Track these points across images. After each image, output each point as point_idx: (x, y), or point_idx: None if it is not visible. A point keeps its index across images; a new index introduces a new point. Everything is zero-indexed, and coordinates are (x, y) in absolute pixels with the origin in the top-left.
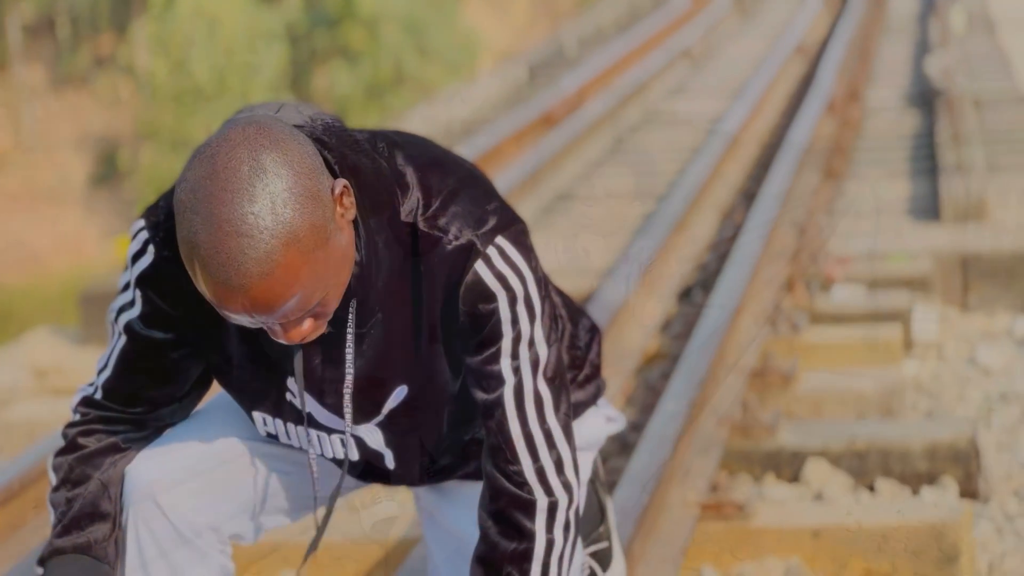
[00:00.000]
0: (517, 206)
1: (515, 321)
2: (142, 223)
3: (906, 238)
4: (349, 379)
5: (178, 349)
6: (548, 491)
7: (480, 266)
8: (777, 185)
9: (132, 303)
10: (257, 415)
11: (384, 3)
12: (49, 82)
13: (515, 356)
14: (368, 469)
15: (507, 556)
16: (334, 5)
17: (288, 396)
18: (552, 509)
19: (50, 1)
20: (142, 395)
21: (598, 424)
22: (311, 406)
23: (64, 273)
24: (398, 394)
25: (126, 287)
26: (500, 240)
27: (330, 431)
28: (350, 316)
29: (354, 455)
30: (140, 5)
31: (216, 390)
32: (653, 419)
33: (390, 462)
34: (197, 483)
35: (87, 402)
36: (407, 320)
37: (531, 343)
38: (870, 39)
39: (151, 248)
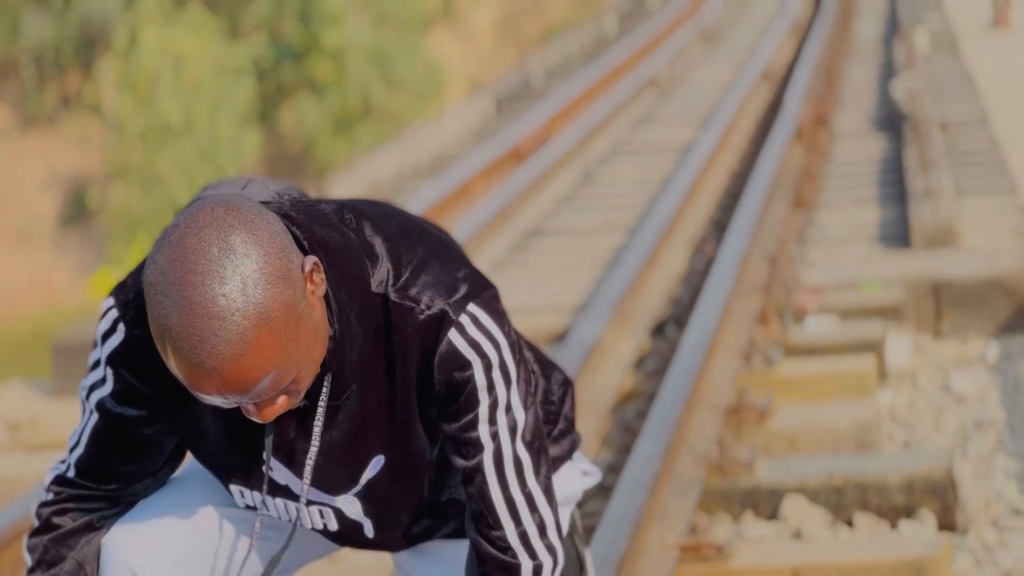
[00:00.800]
0: (487, 243)
1: (491, 388)
2: (111, 301)
3: (877, 266)
4: (313, 450)
5: (151, 425)
6: (532, 555)
7: (453, 335)
8: (747, 215)
9: (103, 381)
10: (235, 488)
11: (349, 35)
12: (15, 123)
13: (492, 422)
14: (347, 536)
15: None
16: (299, 38)
17: (266, 471)
18: (537, 572)
19: (12, 42)
20: (116, 472)
21: (574, 478)
22: (287, 478)
23: (36, 314)
24: (375, 464)
25: (96, 365)
26: (472, 307)
27: (308, 502)
28: (324, 389)
29: (332, 525)
30: (105, 43)
31: (191, 456)
32: (630, 461)
33: (369, 531)
34: (175, 552)
35: (60, 481)
36: (382, 390)
37: (508, 408)
38: (836, 63)
39: (121, 327)
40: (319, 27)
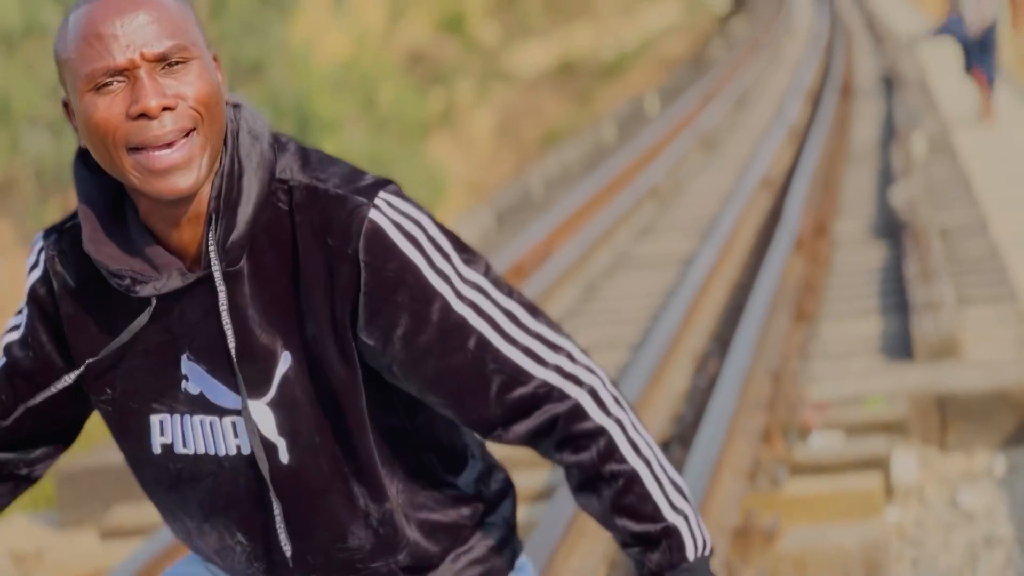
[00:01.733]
0: None
1: (437, 270)
2: (38, 235)
3: (880, 379)
4: (225, 316)
5: (49, 378)
6: (577, 382)
7: (376, 215)
8: (750, 331)
9: (17, 326)
10: (154, 419)
11: (349, 141)
12: (18, 239)
13: (460, 297)
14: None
15: (596, 463)
16: None
17: (183, 384)
18: (595, 395)
19: (12, 158)
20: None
21: None
22: (201, 380)
23: None
24: (284, 361)
25: (20, 311)
26: (383, 194)
27: (222, 412)
28: (212, 251)
29: (245, 448)
30: None
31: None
32: None
33: (284, 455)
34: None
35: None
36: (281, 276)
37: (462, 277)
38: (834, 169)
39: (43, 257)
40: (318, 135)
